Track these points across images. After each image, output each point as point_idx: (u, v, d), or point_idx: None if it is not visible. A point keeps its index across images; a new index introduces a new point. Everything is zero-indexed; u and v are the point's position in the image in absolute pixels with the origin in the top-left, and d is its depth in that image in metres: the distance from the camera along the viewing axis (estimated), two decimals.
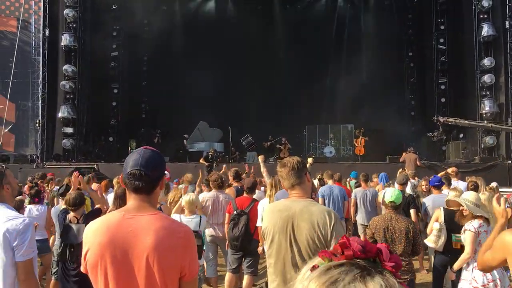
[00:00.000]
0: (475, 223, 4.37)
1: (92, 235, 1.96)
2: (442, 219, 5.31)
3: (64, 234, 4.55)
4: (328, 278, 0.79)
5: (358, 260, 0.83)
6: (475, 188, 6.50)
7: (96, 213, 4.74)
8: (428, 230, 5.52)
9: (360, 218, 8.58)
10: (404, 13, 21.78)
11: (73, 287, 4.45)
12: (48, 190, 8.95)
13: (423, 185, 8.12)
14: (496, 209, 2.96)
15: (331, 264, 0.83)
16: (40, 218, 6.30)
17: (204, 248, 5.69)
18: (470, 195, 4.63)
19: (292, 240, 2.73)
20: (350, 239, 0.87)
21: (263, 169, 7.08)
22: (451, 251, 5.03)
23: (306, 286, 0.81)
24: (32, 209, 6.32)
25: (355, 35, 21.26)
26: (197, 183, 8.69)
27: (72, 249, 4.38)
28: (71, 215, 4.70)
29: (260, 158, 7.80)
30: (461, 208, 4.66)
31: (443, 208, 5.43)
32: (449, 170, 9.20)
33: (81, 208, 4.73)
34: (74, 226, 4.52)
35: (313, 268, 0.85)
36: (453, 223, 5.01)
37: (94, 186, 9.33)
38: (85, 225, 4.32)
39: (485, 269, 2.80)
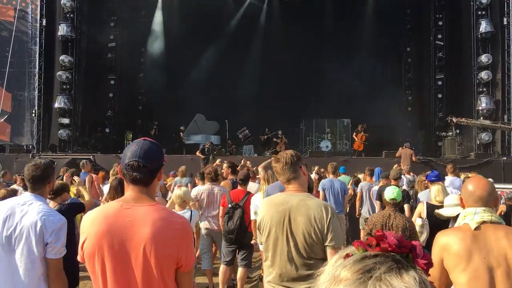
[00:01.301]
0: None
1: (90, 224, 1.97)
2: (424, 214, 5.34)
3: None
4: (363, 266, 0.80)
5: (392, 254, 0.84)
6: None
7: (74, 205, 4.71)
8: None
9: (365, 212, 8.62)
10: (403, 8, 21.73)
11: None
12: None
13: (424, 181, 8.13)
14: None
15: (366, 254, 0.84)
16: None
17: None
18: (452, 199, 4.69)
19: (288, 234, 2.74)
20: (387, 233, 0.87)
21: (262, 164, 7.12)
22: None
23: (339, 273, 0.81)
24: None
25: (353, 29, 21.21)
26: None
27: None
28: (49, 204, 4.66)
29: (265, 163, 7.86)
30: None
31: (426, 202, 5.46)
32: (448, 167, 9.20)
33: (58, 198, 4.67)
34: None
35: (347, 256, 0.85)
36: (434, 217, 5.06)
37: (94, 177, 9.32)
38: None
39: None
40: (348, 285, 0.78)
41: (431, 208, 5.28)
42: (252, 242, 5.88)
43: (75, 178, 5.49)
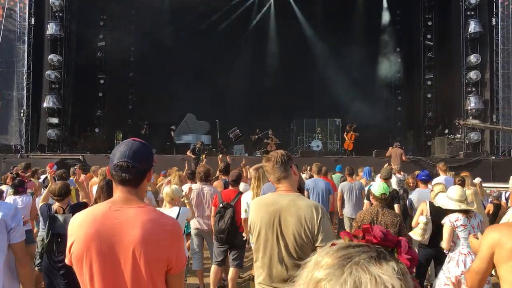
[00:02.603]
0: (452, 216, 4.49)
1: (78, 226, 1.93)
2: (428, 212, 5.37)
3: (51, 224, 4.44)
4: (346, 253, 0.81)
5: (377, 246, 0.86)
6: (462, 184, 6.56)
7: (82, 206, 4.66)
8: (413, 223, 5.58)
9: (347, 212, 8.60)
10: (393, 8, 21.84)
11: (60, 280, 4.36)
12: (32, 181, 8.82)
13: (410, 182, 8.17)
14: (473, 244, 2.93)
15: (351, 243, 0.87)
16: (25, 208, 6.19)
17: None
18: (455, 193, 4.67)
19: (279, 235, 2.72)
20: (374, 226, 0.90)
21: (254, 166, 7.13)
22: (436, 244, 5.11)
23: (321, 259, 0.83)
24: (16, 200, 6.21)
25: (343, 29, 21.26)
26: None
27: (59, 239, 4.30)
28: (56, 205, 4.62)
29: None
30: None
31: (429, 201, 5.49)
32: (440, 165, 9.20)
33: (66, 199, 4.65)
34: (60, 216, 4.44)
35: (333, 245, 0.87)
36: (438, 216, 5.08)
37: (83, 177, 9.26)
38: (72, 216, 4.26)
39: (477, 284, 2.63)
40: (327, 267, 0.80)
41: (434, 206, 5.30)
42: (244, 235, 5.83)
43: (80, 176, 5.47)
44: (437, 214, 5.12)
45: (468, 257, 4.29)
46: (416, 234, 5.29)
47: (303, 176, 10.08)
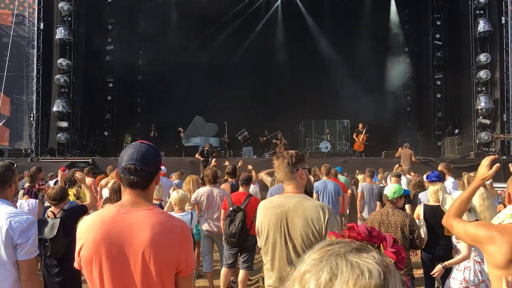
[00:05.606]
0: None
1: (87, 230, 1.92)
2: (422, 215, 5.33)
3: (39, 227, 4.42)
4: (329, 249, 0.86)
5: (362, 242, 0.89)
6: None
7: (78, 209, 4.65)
8: None
9: (366, 213, 8.54)
10: (401, 8, 21.75)
11: (56, 284, 4.34)
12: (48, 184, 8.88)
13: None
14: (480, 170, 2.56)
15: (335, 240, 0.91)
16: (31, 213, 6.18)
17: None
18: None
19: (286, 237, 2.72)
20: (359, 225, 0.93)
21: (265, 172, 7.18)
22: (435, 246, 5.10)
23: (309, 255, 0.88)
24: (23, 204, 6.22)
25: (351, 30, 21.22)
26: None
27: (46, 244, 4.27)
28: (50, 209, 4.61)
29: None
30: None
31: (424, 204, 5.45)
32: (439, 167, 9.08)
33: (61, 203, 4.61)
34: (49, 221, 4.41)
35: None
36: (433, 218, 5.03)
37: (89, 180, 9.29)
38: (62, 220, 4.25)
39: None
40: (311, 261, 0.85)
41: (428, 209, 5.26)
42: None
43: (78, 173, 5.38)
44: (433, 216, 5.08)
45: (482, 265, 4.20)
46: None
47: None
